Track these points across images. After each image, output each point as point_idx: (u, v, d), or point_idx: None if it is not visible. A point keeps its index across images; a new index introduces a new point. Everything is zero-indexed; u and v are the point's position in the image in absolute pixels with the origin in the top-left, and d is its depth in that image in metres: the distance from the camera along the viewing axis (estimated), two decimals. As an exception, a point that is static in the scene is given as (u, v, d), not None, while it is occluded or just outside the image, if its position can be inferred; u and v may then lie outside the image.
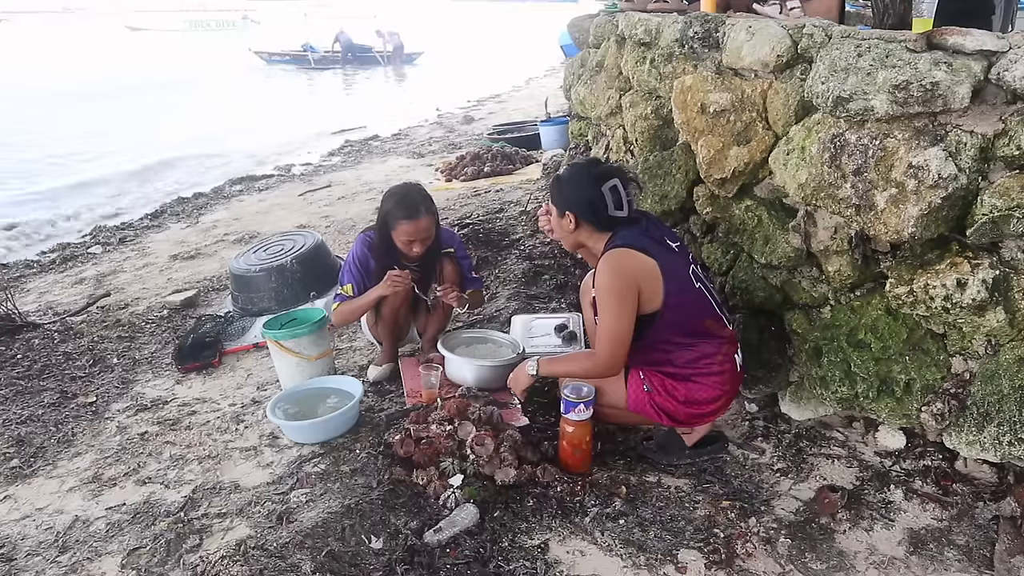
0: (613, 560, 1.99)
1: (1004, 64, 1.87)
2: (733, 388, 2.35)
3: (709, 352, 2.26)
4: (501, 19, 46.60)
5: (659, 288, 2.17)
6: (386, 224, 2.84)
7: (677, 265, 2.23)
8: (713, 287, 2.37)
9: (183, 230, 6.23)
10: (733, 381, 2.33)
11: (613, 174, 2.29)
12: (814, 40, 2.33)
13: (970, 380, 2.12)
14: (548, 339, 3.20)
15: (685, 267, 2.26)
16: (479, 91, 14.91)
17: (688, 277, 2.25)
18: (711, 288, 2.34)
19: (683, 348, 2.25)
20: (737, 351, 2.34)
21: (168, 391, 3.20)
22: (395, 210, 2.80)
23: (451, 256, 3.04)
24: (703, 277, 2.33)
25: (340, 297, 2.98)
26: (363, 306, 2.94)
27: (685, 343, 2.25)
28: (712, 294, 2.31)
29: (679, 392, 2.26)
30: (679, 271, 2.23)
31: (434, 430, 2.39)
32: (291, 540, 2.03)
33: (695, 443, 2.42)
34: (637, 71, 3.24)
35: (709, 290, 2.31)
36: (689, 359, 2.26)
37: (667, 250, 2.25)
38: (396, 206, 2.81)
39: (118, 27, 40.20)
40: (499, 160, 6.77)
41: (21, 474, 2.64)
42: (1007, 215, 1.85)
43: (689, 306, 2.23)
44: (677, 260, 2.25)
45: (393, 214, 2.80)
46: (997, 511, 2.07)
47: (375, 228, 2.95)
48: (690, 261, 2.31)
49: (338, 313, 2.98)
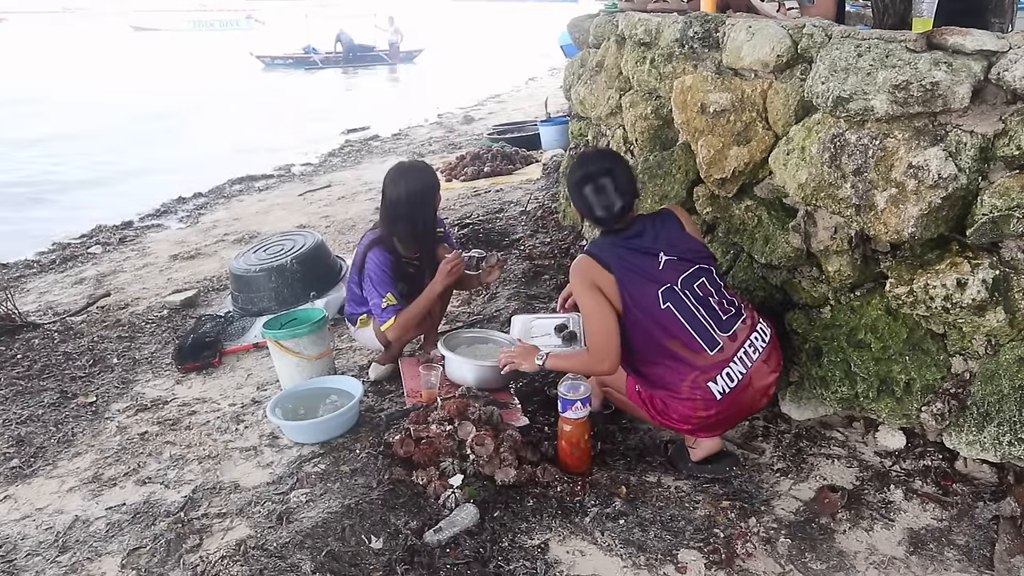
0: (613, 560, 1.99)
1: (1004, 64, 1.87)
2: (715, 415, 2.19)
3: (674, 375, 2.18)
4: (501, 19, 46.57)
5: (617, 301, 2.17)
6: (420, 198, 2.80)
7: (642, 282, 2.16)
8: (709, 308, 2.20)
9: (183, 230, 6.24)
10: (710, 408, 2.17)
11: (592, 176, 2.22)
12: (814, 40, 2.33)
13: (970, 380, 2.12)
14: (548, 339, 3.18)
15: (657, 285, 2.16)
16: (479, 91, 14.90)
17: (654, 296, 2.15)
18: (698, 309, 2.18)
19: (646, 364, 2.23)
20: (718, 379, 2.15)
21: (168, 391, 3.20)
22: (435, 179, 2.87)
23: (443, 237, 3.05)
24: (688, 296, 2.18)
25: (391, 310, 2.77)
26: (427, 306, 2.83)
27: (647, 359, 2.22)
28: (696, 316, 2.17)
29: (657, 403, 2.26)
30: (641, 289, 2.15)
31: (434, 430, 2.39)
32: (291, 540, 2.03)
33: (701, 459, 2.35)
34: (637, 71, 3.24)
35: (691, 311, 2.17)
36: (654, 376, 2.23)
37: (638, 263, 2.18)
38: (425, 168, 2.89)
39: (122, 27, 40.20)
40: (499, 160, 6.77)
41: (21, 474, 2.64)
42: (1007, 215, 1.85)
43: (647, 324, 2.15)
44: (646, 276, 2.16)
45: (435, 184, 2.86)
46: (997, 511, 2.07)
47: (388, 220, 2.84)
48: (675, 278, 2.18)
49: (398, 326, 2.80)
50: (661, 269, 2.20)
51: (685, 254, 2.24)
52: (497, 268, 3.00)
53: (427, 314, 2.90)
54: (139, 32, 38.74)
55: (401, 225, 2.84)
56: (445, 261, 2.77)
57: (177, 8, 51.08)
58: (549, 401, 2.75)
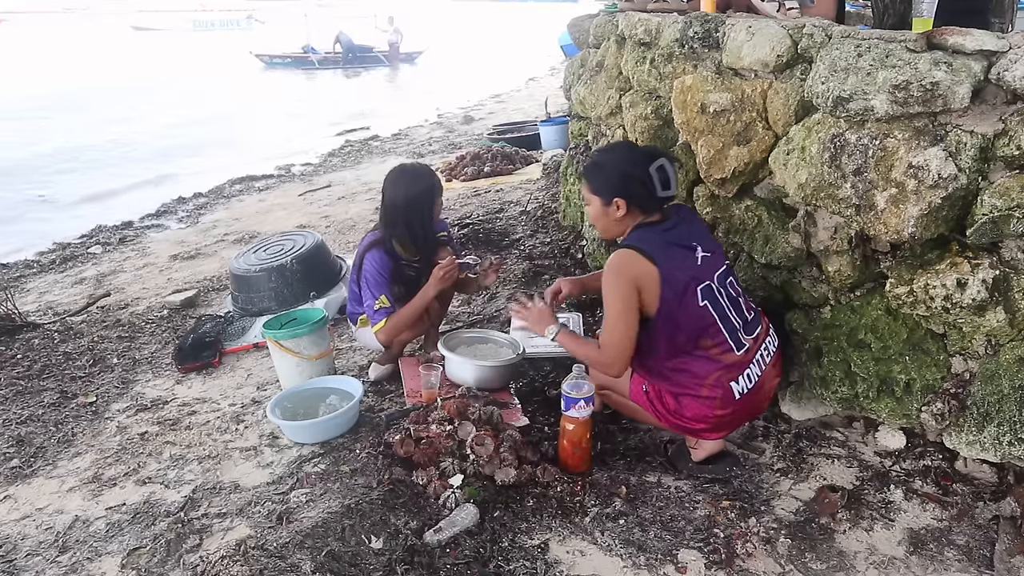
0: (613, 560, 1.99)
1: (1004, 64, 1.87)
2: (731, 414, 2.20)
3: (698, 373, 2.15)
4: (501, 19, 46.59)
5: (656, 297, 2.08)
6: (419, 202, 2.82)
7: (685, 278, 2.10)
8: (738, 308, 2.20)
9: (183, 230, 6.24)
10: (727, 407, 2.17)
11: (658, 153, 2.17)
12: (814, 40, 2.33)
13: (970, 380, 2.12)
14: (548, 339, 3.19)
15: (695, 282, 2.11)
16: (479, 91, 14.91)
17: (693, 293, 2.10)
18: (728, 308, 2.17)
19: (670, 360, 2.18)
20: (739, 378, 2.16)
21: (168, 391, 3.20)
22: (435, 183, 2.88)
23: (445, 242, 3.05)
24: (721, 294, 2.16)
25: (383, 312, 2.80)
26: (419, 311, 2.84)
27: (673, 356, 2.17)
28: (728, 315, 2.16)
29: (668, 402, 2.24)
30: (684, 284, 2.10)
31: (434, 430, 2.39)
32: (291, 540, 2.03)
33: (702, 459, 2.35)
34: (637, 71, 3.24)
35: (724, 310, 2.15)
36: (676, 374, 2.19)
37: (682, 258, 2.12)
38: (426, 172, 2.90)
39: (123, 27, 40.21)
40: (499, 160, 6.78)
41: (21, 474, 2.64)
42: (1007, 215, 1.85)
43: (684, 321, 2.12)
44: (687, 272, 2.11)
45: (434, 188, 2.87)
46: (997, 511, 2.07)
47: (393, 221, 2.86)
48: (711, 275, 2.15)
49: (388, 329, 2.82)
50: (700, 265, 2.15)
51: (716, 251, 2.21)
52: (493, 271, 2.99)
53: (419, 318, 2.90)
54: (139, 32, 38.75)
55: (399, 228, 2.85)
56: (438, 267, 2.77)
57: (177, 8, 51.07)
58: (549, 401, 2.75)
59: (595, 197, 2.23)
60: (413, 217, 2.83)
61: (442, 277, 2.77)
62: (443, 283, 2.79)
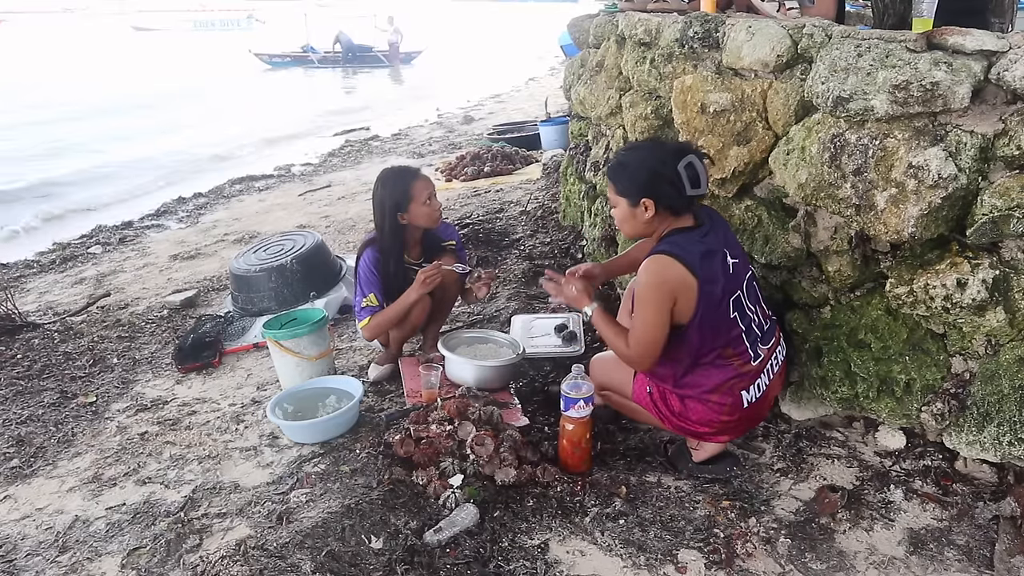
0: (613, 560, 1.99)
1: (1004, 64, 1.87)
2: (737, 421, 2.21)
3: (712, 379, 2.14)
4: (501, 19, 46.59)
5: (691, 307, 2.03)
6: (397, 204, 2.83)
7: (720, 290, 2.06)
8: (759, 317, 2.19)
9: (183, 230, 6.24)
10: (735, 414, 2.18)
11: (687, 149, 2.09)
12: (814, 40, 2.33)
13: (970, 380, 2.12)
14: (548, 339, 3.20)
15: (728, 294, 2.08)
16: (479, 91, 14.92)
17: (726, 305, 2.07)
18: (753, 318, 2.16)
19: (689, 369, 2.16)
20: (751, 387, 2.17)
21: (168, 391, 3.20)
22: (404, 178, 2.86)
23: (452, 249, 3.06)
24: (748, 303, 2.14)
25: (368, 310, 2.87)
26: (400, 312, 2.86)
27: (695, 366, 2.15)
28: (752, 325, 2.15)
29: (673, 404, 2.24)
30: (720, 298, 2.06)
31: (434, 430, 2.39)
32: (291, 540, 2.03)
33: (703, 460, 2.35)
34: (637, 71, 3.24)
35: (749, 320, 2.14)
36: (689, 381, 2.17)
37: (717, 268, 2.06)
38: (399, 175, 2.88)
39: (123, 27, 40.22)
40: (499, 160, 6.78)
41: (21, 474, 2.64)
42: (1007, 215, 1.85)
43: (712, 332, 2.09)
44: (722, 283, 2.06)
45: (405, 181, 2.85)
46: (997, 511, 2.07)
47: (377, 224, 2.93)
48: (740, 284, 2.13)
49: (371, 327, 2.88)
50: (732, 273, 2.10)
51: (742, 257, 2.17)
52: (484, 284, 2.98)
53: (401, 319, 2.91)
54: (140, 32, 38.78)
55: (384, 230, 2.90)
56: (422, 271, 2.80)
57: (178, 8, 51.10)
58: (549, 401, 2.75)
59: (621, 199, 2.14)
60: (387, 220, 2.87)
61: (423, 281, 2.79)
62: (425, 287, 2.81)
